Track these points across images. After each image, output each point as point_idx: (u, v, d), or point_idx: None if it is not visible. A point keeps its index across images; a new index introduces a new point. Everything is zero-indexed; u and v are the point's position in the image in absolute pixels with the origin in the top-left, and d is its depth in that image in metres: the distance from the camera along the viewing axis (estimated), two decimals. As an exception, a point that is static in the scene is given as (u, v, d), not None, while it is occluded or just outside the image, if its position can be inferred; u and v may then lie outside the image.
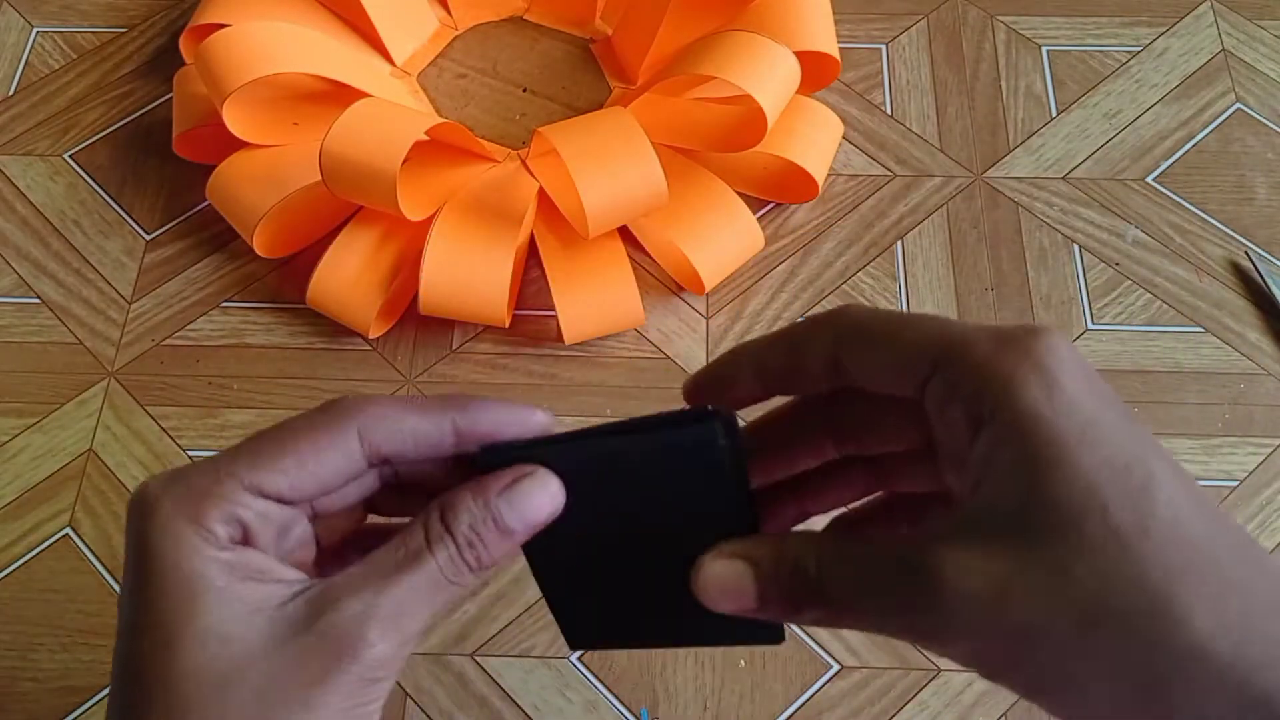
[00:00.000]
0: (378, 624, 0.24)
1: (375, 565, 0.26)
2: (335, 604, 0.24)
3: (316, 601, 0.25)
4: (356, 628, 0.24)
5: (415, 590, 0.25)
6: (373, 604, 0.25)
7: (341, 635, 0.24)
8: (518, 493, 0.26)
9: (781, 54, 0.54)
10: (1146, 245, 0.58)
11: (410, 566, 0.25)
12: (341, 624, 0.24)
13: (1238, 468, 0.51)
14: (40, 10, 0.67)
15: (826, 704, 0.46)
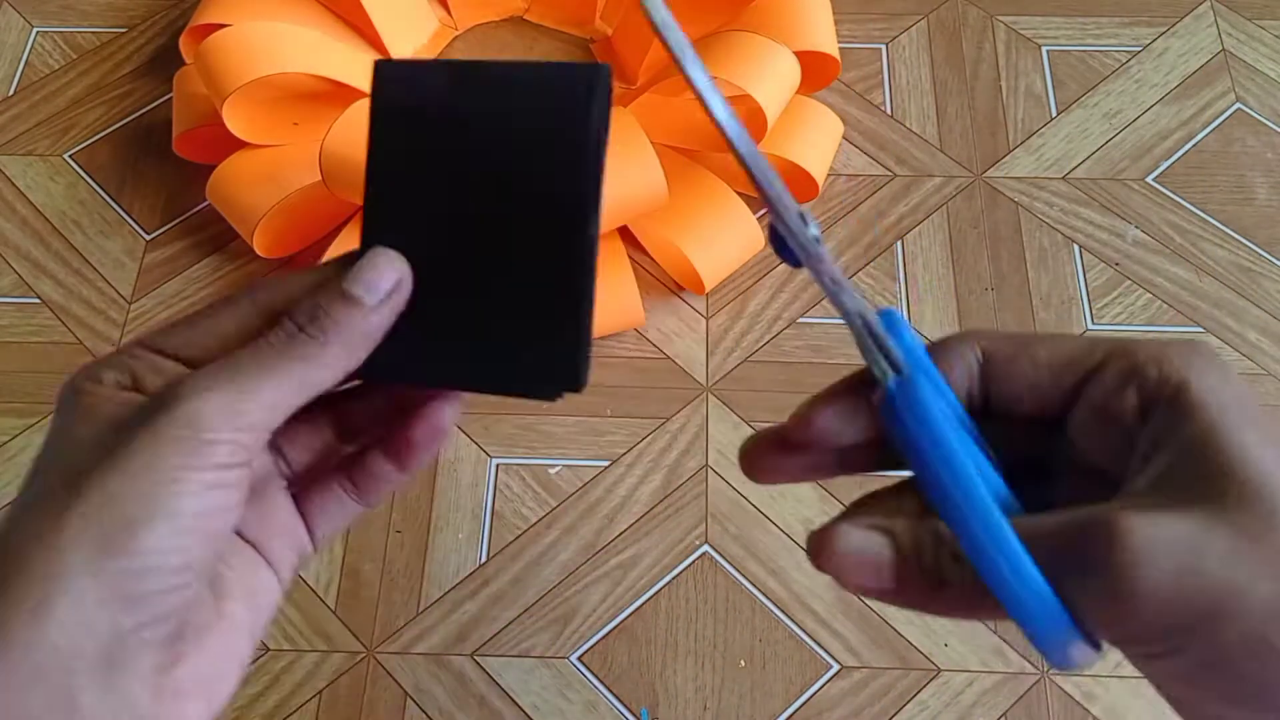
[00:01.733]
0: (200, 384, 0.25)
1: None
2: (173, 385, 0.26)
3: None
4: (177, 389, 0.25)
5: (254, 360, 0.26)
6: (201, 374, 0.26)
7: (164, 397, 0.25)
8: (360, 264, 0.27)
9: (781, 54, 0.54)
10: (1146, 245, 0.58)
11: (249, 345, 0.26)
12: (167, 392, 0.25)
13: (1238, 468, 0.51)
14: (40, 10, 0.67)
15: (827, 704, 0.46)
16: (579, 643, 0.48)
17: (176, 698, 0.25)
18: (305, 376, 0.26)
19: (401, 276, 0.27)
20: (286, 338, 0.26)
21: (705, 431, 0.53)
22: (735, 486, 0.51)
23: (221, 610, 0.27)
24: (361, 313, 0.27)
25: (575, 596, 0.49)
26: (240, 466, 0.25)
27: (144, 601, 0.24)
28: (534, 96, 0.27)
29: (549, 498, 0.51)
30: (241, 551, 0.29)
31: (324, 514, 0.30)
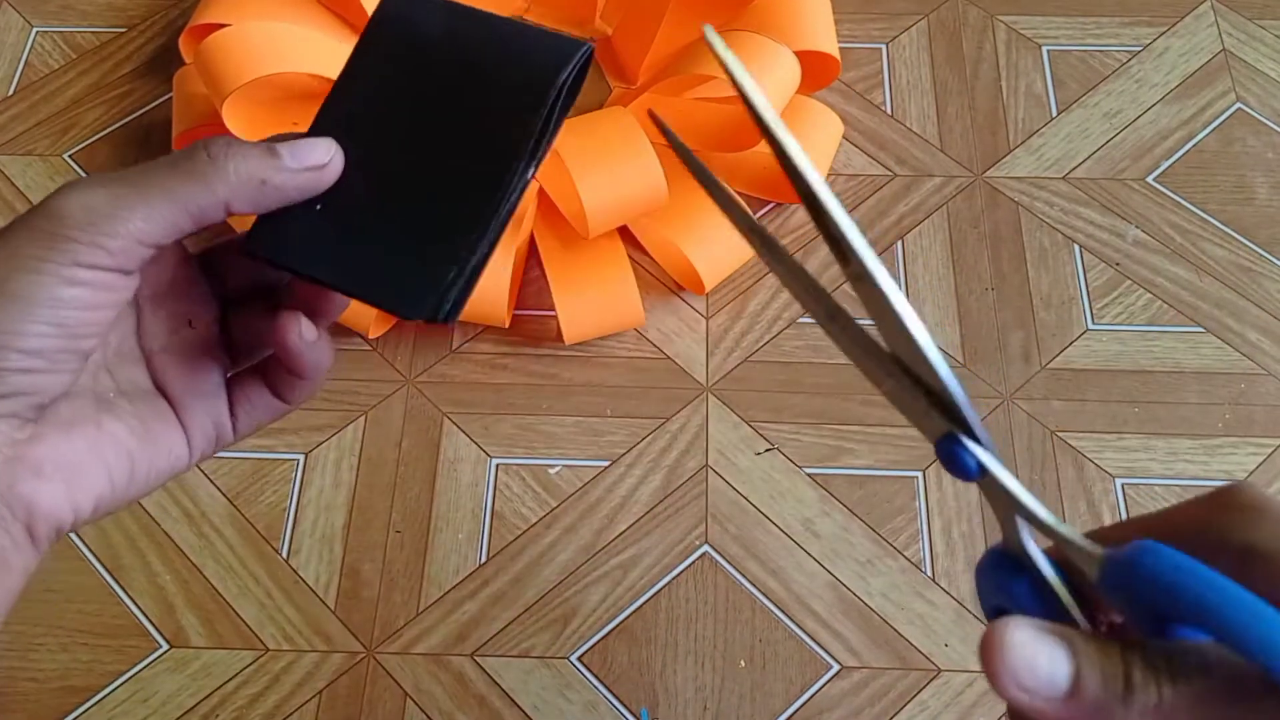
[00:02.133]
0: (81, 185, 0.26)
1: None
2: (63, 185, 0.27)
3: None
4: (62, 187, 0.26)
5: (143, 172, 0.26)
6: (89, 177, 0.26)
7: (51, 194, 0.26)
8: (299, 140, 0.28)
9: (781, 53, 0.54)
10: (1147, 245, 0.58)
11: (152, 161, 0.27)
12: (56, 190, 0.26)
13: (1238, 468, 0.51)
14: (40, 10, 0.67)
15: (827, 704, 0.46)
16: (579, 643, 0.48)
17: (32, 473, 0.26)
18: (188, 194, 0.26)
19: (330, 162, 0.28)
20: (186, 155, 0.27)
21: (705, 431, 0.53)
22: (735, 486, 0.51)
23: (101, 422, 0.28)
24: (273, 164, 0.27)
25: (575, 597, 0.49)
26: (104, 270, 0.26)
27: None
28: (515, 49, 0.29)
29: (549, 498, 0.51)
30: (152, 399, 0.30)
31: (248, 402, 0.31)
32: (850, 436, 0.52)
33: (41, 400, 0.26)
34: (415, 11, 0.30)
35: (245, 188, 0.27)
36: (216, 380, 0.31)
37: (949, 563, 0.49)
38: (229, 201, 0.27)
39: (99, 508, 0.28)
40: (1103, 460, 0.52)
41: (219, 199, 0.27)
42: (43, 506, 0.26)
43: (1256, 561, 0.23)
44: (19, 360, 0.26)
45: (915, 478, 0.51)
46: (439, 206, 0.28)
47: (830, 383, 0.54)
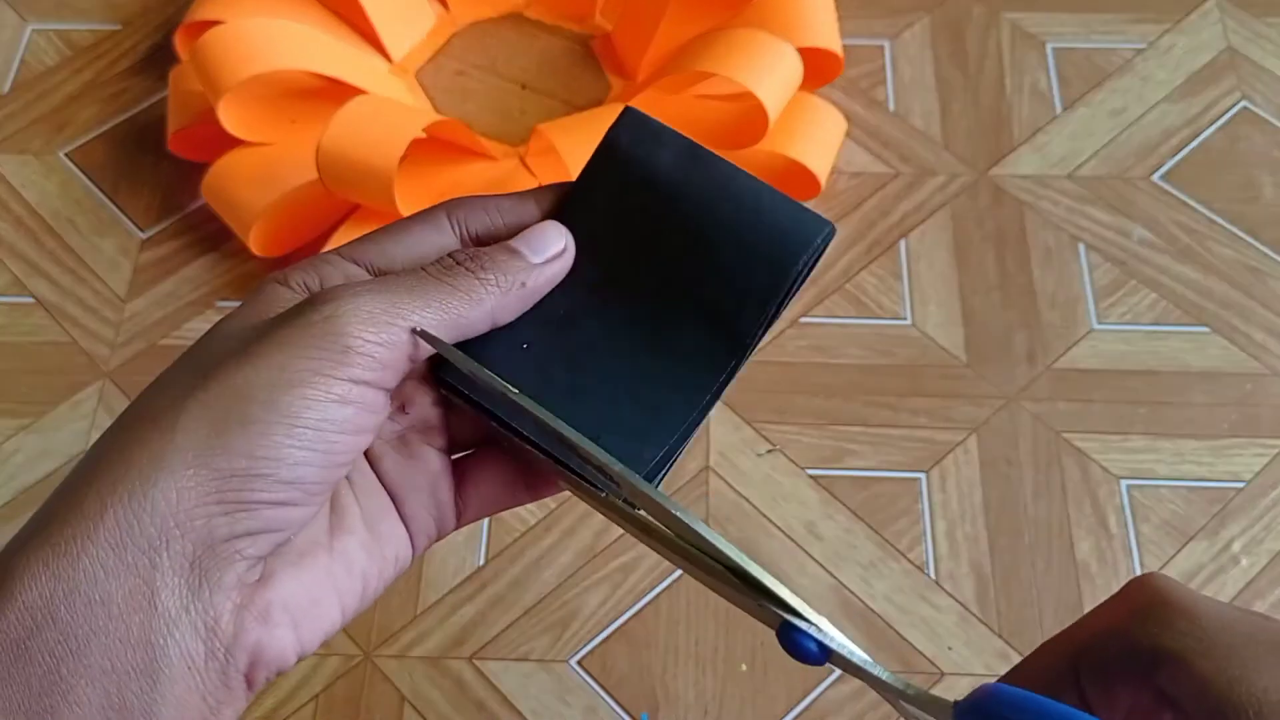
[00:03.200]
0: (351, 290, 0.24)
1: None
2: (327, 289, 0.25)
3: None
4: (329, 291, 0.25)
5: (410, 279, 0.25)
6: (356, 283, 0.25)
7: (316, 297, 0.24)
8: (530, 230, 0.27)
9: (783, 50, 0.53)
10: (1152, 244, 0.57)
11: (410, 270, 0.26)
12: (321, 293, 0.25)
13: (1244, 469, 0.51)
14: (35, 7, 0.67)
15: (829, 708, 0.46)
16: (578, 646, 0.47)
17: (260, 620, 0.23)
18: (455, 307, 0.25)
19: (566, 244, 0.27)
20: (445, 269, 0.26)
21: (706, 433, 0.52)
22: (736, 488, 0.51)
23: (334, 545, 0.26)
24: (523, 264, 0.27)
25: (575, 600, 0.48)
26: (374, 387, 0.24)
27: (245, 510, 0.23)
28: (752, 213, 0.27)
29: (548, 500, 0.51)
30: (376, 495, 0.27)
31: (478, 491, 0.29)
32: (853, 438, 0.52)
33: (284, 538, 0.24)
34: (649, 148, 0.28)
35: (509, 296, 0.26)
36: (436, 468, 0.28)
37: (953, 565, 0.49)
38: (494, 313, 0.26)
39: (325, 640, 0.25)
40: (1108, 462, 0.51)
41: (486, 312, 0.26)
42: (268, 654, 0.24)
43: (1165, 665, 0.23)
44: (279, 491, 0.23)
45: (919, 479, 0.51)
46: (646, 387, 0.27)
47: (833, 383, 0.53)
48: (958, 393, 0.53)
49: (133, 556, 0.22)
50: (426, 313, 0.25)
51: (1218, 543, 0.49)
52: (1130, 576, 0.48)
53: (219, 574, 0.23)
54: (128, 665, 0.22)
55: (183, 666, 0.22)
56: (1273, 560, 0.49)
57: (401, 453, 0.28)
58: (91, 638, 0.22)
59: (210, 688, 0.23)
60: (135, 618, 0.22)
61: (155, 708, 0.22)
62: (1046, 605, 0.48)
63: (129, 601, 0.22)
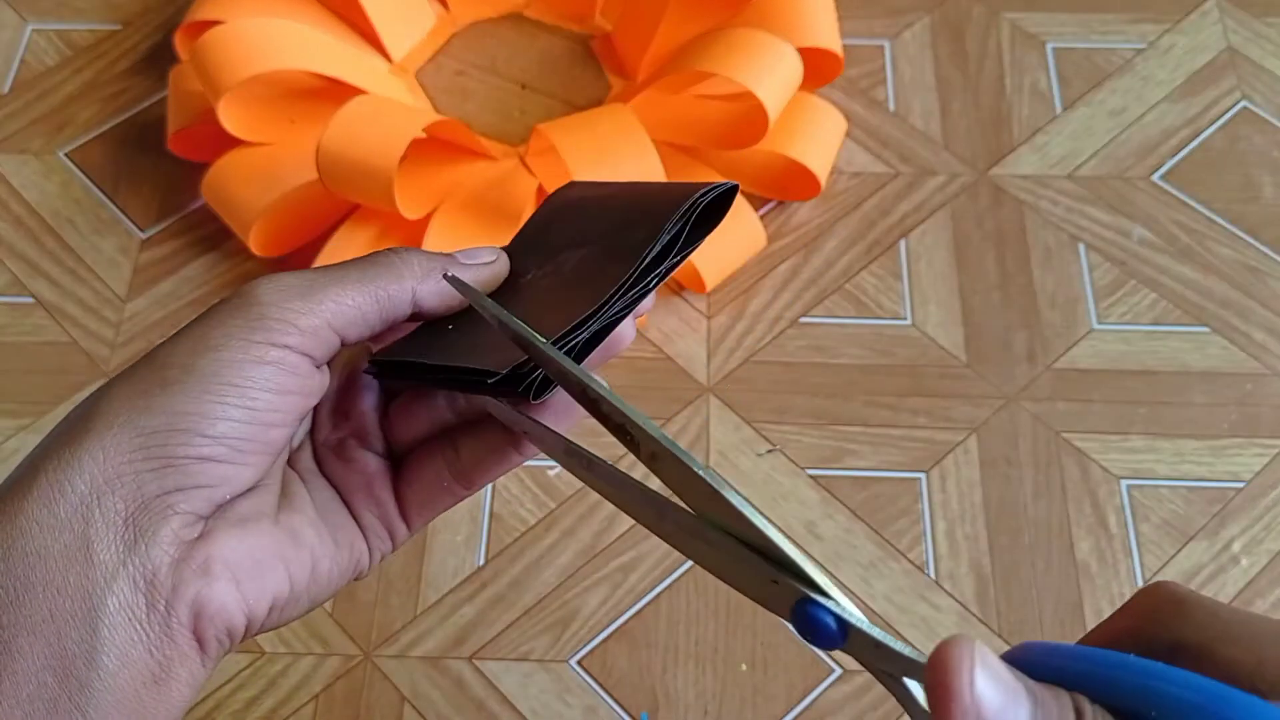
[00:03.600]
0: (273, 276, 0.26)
1: None
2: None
3: None
4: (254, 279, 0.26)
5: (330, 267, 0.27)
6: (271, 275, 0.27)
7: (244, 290, 0.26)
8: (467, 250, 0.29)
9: (783, 50, 0.53)
10: (1152, 244, 0.57)
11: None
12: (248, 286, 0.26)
13: (1244, 469, 0.51)
14: (35, 7, 0.67)
15: (829, 709, 0.46)
16: (578, 646, 0.47)
17: (200, 573, 0.24)
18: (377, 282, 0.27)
19: (496, 259, 0.30)
20: (372, 256, 0.28)
21: (707, 433, 0.52)
22: (736, 488, 0.51)
23: (282, 519, 0.27)
24: (449, 261, 0.28)
25: (575, 599, 0.48)
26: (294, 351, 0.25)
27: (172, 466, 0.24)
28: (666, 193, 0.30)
29: (548, 499, 0.51)
30: (325, 489, 0.29)
31: (412, 489, 0.30)
32: (853, 438, 0.52)
33: (220, 496, 0.25)
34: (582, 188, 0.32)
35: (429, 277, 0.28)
36: (371, 470, 0.29)
37: (953, 565, 0.49)
38: (417, 291, 0.27)
39: (277, 608, 0.26)
40: (1108, 462, 0.51)
41: (406, 286, 0.27)
42: (210, 607, 0.24)
43: (1185, 655, 0.23)
44: (203, 446, 0.24)
45: (919, 479, 0.51)
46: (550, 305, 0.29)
47: (833, 383, 0.53)
48: (957, 392, 0.53)
49: (65, 512, 0.23)
50: (344, 286, 0.26)
51: (1218, 543, 0.49)
52: (1130, 576, 0.48)
53: (154, 529, 0.24)
54: (66, 613, 0.23)
55: (123, 617, 0.23)
56: (1273, 560, 0.49)
57: (341, 457, 0.29)
58: (28, 589, 0.23)
59: (154, 640, 0.23)
60: (72, 569, 0.23)
61: (96, 656, 0.23)
62: (1046, 605, 0.48)
63: (65, 555, 0.23)
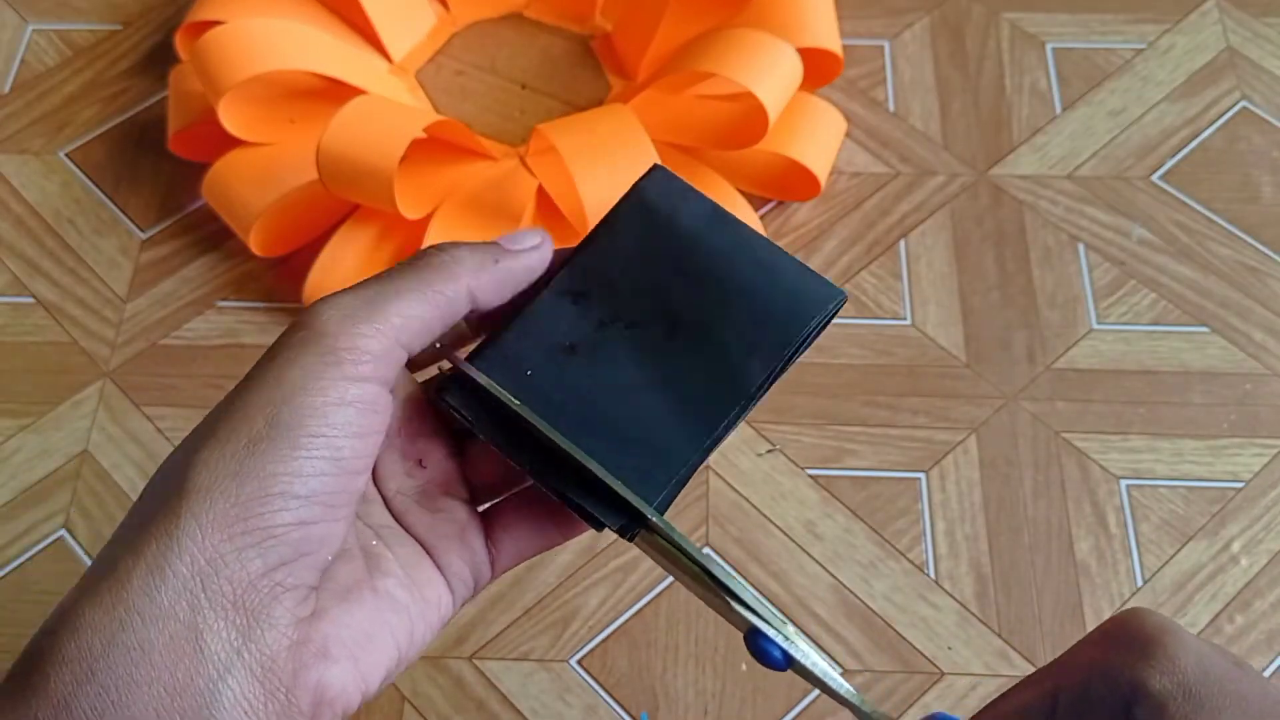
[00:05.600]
0: (329, 299, 0.25)
1: None
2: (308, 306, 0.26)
3: None
4: (310, 306, 0.25)
5: (383, 277, 0.26)
6: (333, 293, 0.25)
7: (299, 316, 0.25)
8: (508, 235, 0.28)
9: (783, 50, 0.53)
10: (1151, 244, 0.57)
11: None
12: (303, 312, 0.25)
13: (1243, 469, 0.51)
14: (35, 7, 0.67)
15: (829, 708, 0.46)
16: (578, 646, 0.47)
17: (319, 656, 0.23)
18: (432, 286, 0.25)
19: (543, 240, 0.28)
20: (417, 257, 0.26)
21: (706, 432, 0.52)
22: (736, 488, 0.51)
23: (376, 585, 0.25)
24: (497, 250, 0.27)
25: (575, 599, 0.48)
26: (371, 381, 0.24)
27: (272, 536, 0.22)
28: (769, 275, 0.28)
29: (548, 499, 0.51)
30: (406, 544, 0.27)
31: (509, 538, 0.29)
32: (853, 438, 0.52)
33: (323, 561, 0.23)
34: (675, 202, 0.29)
35: (482, 270, 0.26)
36: (462, 519, 0.28)
37: (952, 565, 0.49)
38: (472, 287, 0.26)
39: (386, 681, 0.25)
40: (1107, 461, 0.51)
41: (462, 285, 0.26)
42: (330, 691, 0.23)
43: (1144, 702, 0.23)
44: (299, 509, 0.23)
45: (918, 479, 0.51)
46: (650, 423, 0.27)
47: (833, 383, 0.53)
48: (957, 392, 0.53)
49: (168, 600, 0.21)
50: (404, 297, 0.25)
51: (1217, 542, 0.49)
52: (1130, 576, 0.48)
53: (268, 610, 0.22)
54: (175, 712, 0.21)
55: (238, 711, 0.22)
56: (1272, 560, 0.49)
57: (426, 507, 0.28)
58: (133, 689, 0.21)
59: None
60: (181, 663, 0.21)
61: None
62: (1046, 605, 0.48)
63: (172, 648, 0.21)
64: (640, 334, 0.28)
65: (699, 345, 0.28)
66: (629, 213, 0.29)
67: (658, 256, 0.29)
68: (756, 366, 0.28)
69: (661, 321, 0.28)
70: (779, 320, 0.28)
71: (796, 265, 0.29)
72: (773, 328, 0.28)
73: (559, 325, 0.28)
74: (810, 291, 0.28)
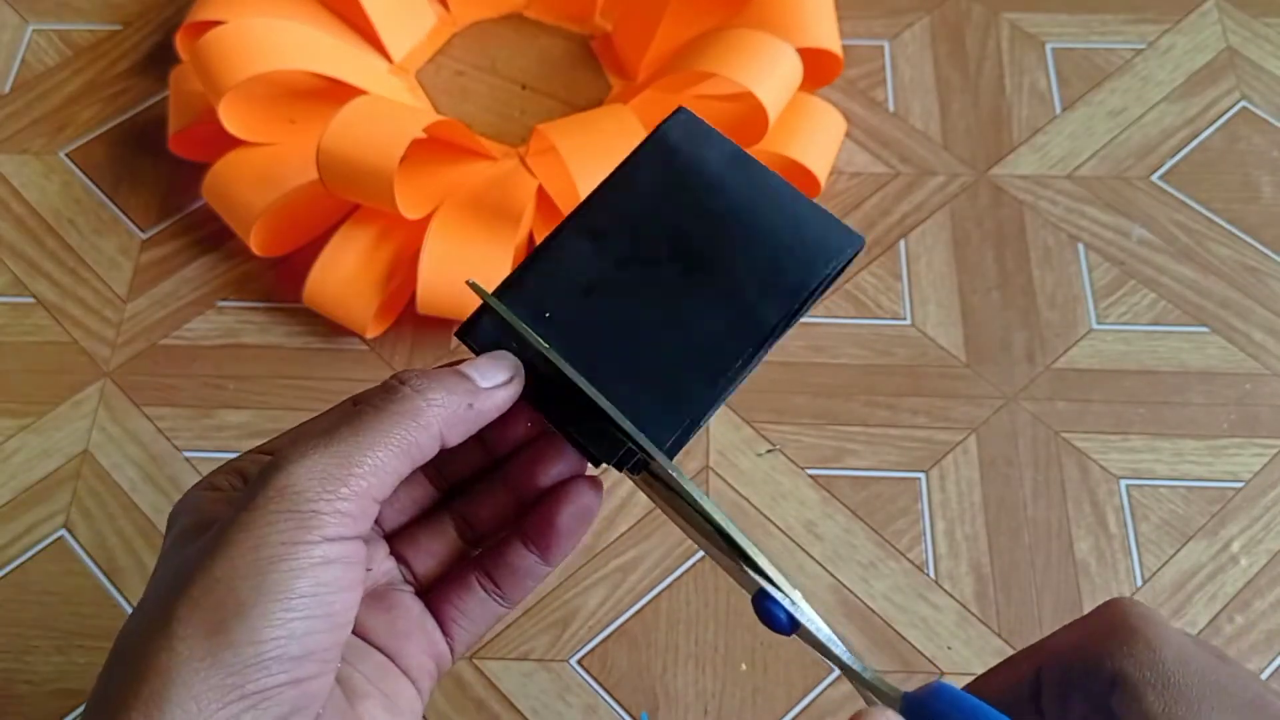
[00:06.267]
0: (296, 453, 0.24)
1: None
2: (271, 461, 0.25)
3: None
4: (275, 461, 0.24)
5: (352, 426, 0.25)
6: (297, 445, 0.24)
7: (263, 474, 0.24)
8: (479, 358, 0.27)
9: (783, 50, 0.53)
10: (1151, 244, 0.57)
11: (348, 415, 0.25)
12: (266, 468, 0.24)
13: (1243, 469, 0.51)
14: (36, 7, 0.67)
15: (829, 708, 0.46)
16: (578, 646, 0.47)
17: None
18: (405, 436, 0.25)
19: (514, 375, 0.27)
20: (387, 392, 0.25)
21: (707, 432, 0.52)
22: (736, 488, 0.51)
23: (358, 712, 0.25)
24: (470, 386, 0.26)
25: (575, 599, 0.48)
26: (351, 540, 0.24)
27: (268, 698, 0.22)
28: (789, 218, 0.28)
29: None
30: (371, 656, 0.27)
31: (463, 618, 0.29)
32: (853, 438, 0.52)
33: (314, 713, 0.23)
34: (697, 145, 0.29)
35: (455, 416, 0.26)
36: (416, 610, 0.28)
37: (952, 565, 0.49)
38: (444, 434, 0.25)
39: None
40: (1107, 461, 0.51)
41: (434, 434, 0.25)
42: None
43: (1123, 689, 0.23)
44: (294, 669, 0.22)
45: (918, 479, 0.51)
46: (666, 364, 0.27)
47: (833, 383, 0.53)
48: (957, 392, 0.53)
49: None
50: (376, 451, 0.24)
51: (1217, 542, 0.49)
52: (1130, 576, 0.48)
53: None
54: None
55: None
56: (1272, 560, 0.49)
57: (379, 607, 0.28)
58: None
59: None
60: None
61: None
62: (1046, 605, 0.48)
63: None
64: (659, 273, 0.28)
65: (716, 285, 0.28)
66: (650, 152, 0.29)
67: (678, 196, 0.29)
68: (773, 308, 0.28)
69: (680, 261, 0.28)
70: (797, 263, 0.28)
71: (816, 209, 0.29)
72: (790, 270, 0.28)
73: (578, 264, 0.28)
74: (829, 236, 0.29)
